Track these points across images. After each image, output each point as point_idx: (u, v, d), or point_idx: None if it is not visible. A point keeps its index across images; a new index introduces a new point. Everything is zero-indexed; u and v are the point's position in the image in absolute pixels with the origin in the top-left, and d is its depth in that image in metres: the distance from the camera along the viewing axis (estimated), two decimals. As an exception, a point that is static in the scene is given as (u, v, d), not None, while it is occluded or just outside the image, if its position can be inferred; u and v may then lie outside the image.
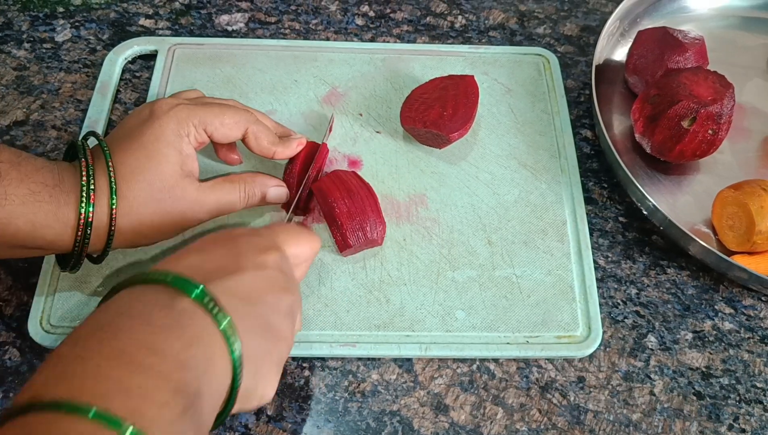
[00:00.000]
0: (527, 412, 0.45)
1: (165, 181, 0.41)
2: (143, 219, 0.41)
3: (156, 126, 0.42)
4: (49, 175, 0.39)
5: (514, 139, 0.56)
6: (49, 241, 0.39)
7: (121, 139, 0.42)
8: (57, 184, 0.39)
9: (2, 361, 0.45)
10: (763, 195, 0.48)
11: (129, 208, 0.40)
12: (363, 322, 0.47)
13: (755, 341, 0.49)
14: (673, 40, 0.56)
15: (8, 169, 0.38)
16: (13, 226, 0.37)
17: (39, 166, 0.39)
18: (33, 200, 0.38)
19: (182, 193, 0.42)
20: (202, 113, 0.43)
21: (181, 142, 0.42)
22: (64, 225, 0.39)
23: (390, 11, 0.66)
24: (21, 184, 0.38)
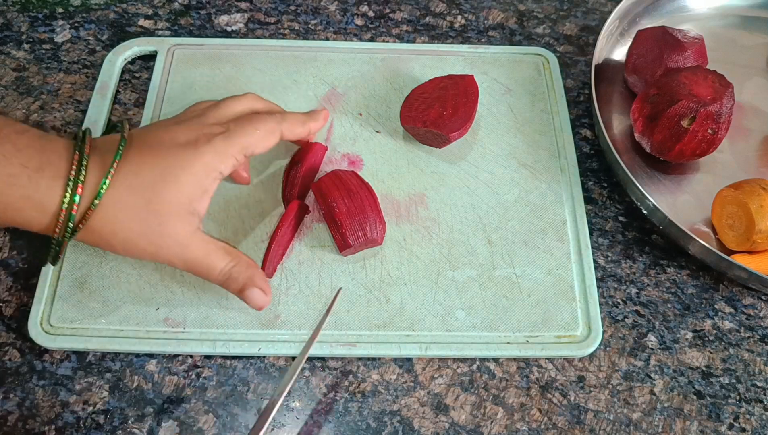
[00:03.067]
0: (527, 412, 0.45)
1: (166, 209, 0.38)
2: (120, 230, 0.38)
3: (191, 156, 0.39)
4: (34, 157, 0.36)
5: (513, 139, 0.56)
6: (20, 222, 0.37)
7: (147, 146, 0.39)
8: (40, 168, 0.36)
9: (2, 362, 0.45)
10: (762, 194, 0.48)
11: (113, 215, 0.38)
12: (363, 322, 0.47)
13: (755, 340, 0.49)
14: (673, 39, 0.56)
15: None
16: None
17: (22, 145, 0.36)
18: (7, 183, 0.35)
19: (174, 229, 0.39)
20: (241, 139, 0.41)
21: (209, 178, 0.40)
22: (39, 211, 0.37)
23: (389, 11, 0.66)
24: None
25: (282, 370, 0.46)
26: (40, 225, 0.37)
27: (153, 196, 0.38)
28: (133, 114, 0.57)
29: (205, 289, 0.47)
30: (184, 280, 0.48)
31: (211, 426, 0.44)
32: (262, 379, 0.45)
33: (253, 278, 0.42)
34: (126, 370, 0.45)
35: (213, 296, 0.47)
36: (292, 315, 0.47)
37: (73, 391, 0.44)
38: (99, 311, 0.46)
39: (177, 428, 0.43)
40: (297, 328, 0.46)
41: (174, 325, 0.46)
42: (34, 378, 0.45)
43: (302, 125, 0.47)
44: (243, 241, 0.50)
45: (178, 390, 0.45)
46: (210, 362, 0.46)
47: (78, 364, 0.45)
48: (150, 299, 0.47)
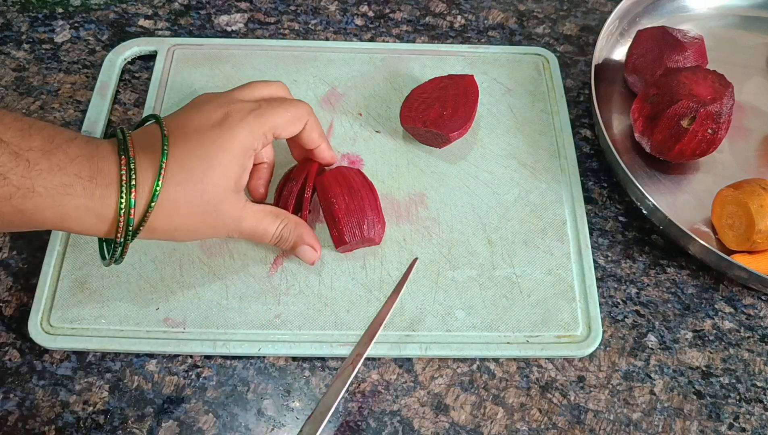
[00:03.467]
0: (527, 412, 0.45)
1: (216, 193, 0.40)
2: (180, 223, 0.40)
3: (227, 136, 0.40)
4: (86, 166, 0.37)
5: (513, 139, 0.56)
6: (78, 230, 0.38)
7: (185, 136, 0.40)
8: (92, 177, 0.37)
9: (2, 362, 0.45)
10: (762, 194, 0.48)
11: (171, 211, 0.39)
12: (363, 322, 0.47)
13: (755, 340, 0.49)
14: (673, 39, 0.56)
15: (38, 158, 0.35)
16: (41, 216, 0.36)
17: (74, 154, 0.36)
18: (63, 193, 0.36)
19: (228, 209, 0.41)
20: (272, 119, 0.42)
21: (246, 156, 0.41)
22: (96, 218, 0.37)
23: (389, 11, 0.66)
24: (51, 176, 0.35)
25: (282, 370, 0.46)
26: (100, 231, 0.38)
27: (204, 187, 0.39)
28: (133, 114, 0.57)
29: (205, 288, 0.47)
30: (184, 280, 0.48)
31: (211, 426, 0.44)
32: (262, 379, 0.45)
33: (302, 236, 0.46)
34: (126, 370, 0.45)
35: (213, 296, 0.47)
36: (292, 315, 0.47)
37: (73, 391, 0.44)
38: (99, 311, 0.46)
39: (177, 428, 0.43)
40: (297, 328, 0.46)
41: (174, 325, 0.46)
42: (34, 378, 0.45)
43: (319, 136, 0.47)
44: (242, 241, 0.50)
45: (178, 390, 0.45)
46: (210, 362, 0.46)
47: (78, 364, 0.45)
48: (150, 299, 0.47)
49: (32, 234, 0.50)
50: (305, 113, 0.45)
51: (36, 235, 0.50)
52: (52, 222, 0.37)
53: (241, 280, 0.48)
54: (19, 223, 0.37)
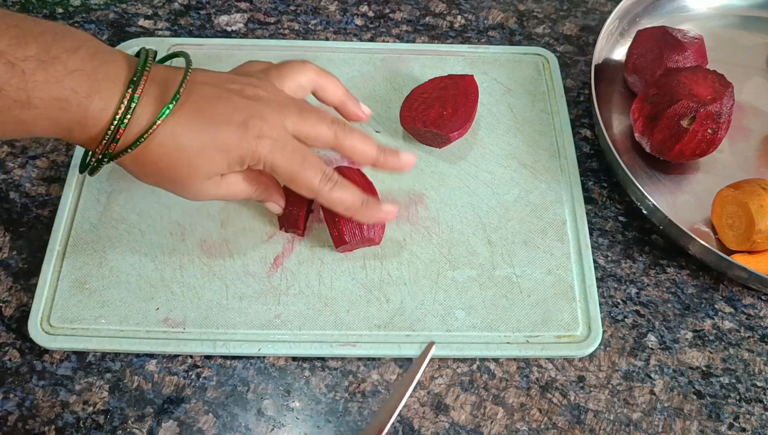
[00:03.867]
0: (527, 412, 0.45)
1: (191, 175, 0.39)
2: (148, 173, 0.39)
3: (234, 140, 0.39)
4: (84, 82, 0.35)
5: (513, 139, 0.56)
6: (67, 140, 0.38)
7: (199, 108, 0.39)
8: (90, 95, 0.35)
9: (2, 362, 0.45)
10: (762, 194, 0.48)
11: (144, 159, 0.38)
12: (363, 322, 0.47)
13: (755, 340, 0.49)
14: (673, 39, 0.56)
15: (34, 68, 0.34)
16: (40, 126, 0.36)
17: (73, 67, 0.35)
18: (58, 108, 0.35)
19: (198, 189, 0.41)
20: (279, 162, 0.41)
21: (237, 165, 0.41)
22: (87, 135, 0.37)
23: (389, 11, 0.66)
24: (47, 88, 0.34)
25: (282, 370, 0.46)
26: (84, 143, 0.38)
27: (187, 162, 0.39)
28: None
29: (205, 288, 0.47)
30: (184, 280, 0.48)
31: (211, 426, 0.44)
32: (262, 379, 0.45)
33: (271, 195, 0.46)
34: (126, 370, 0.45)
35: (213, 296, 0.47)
36: (292, 315, 0.47)
37: (73, 392, 0.44)
38: (99, 311, 0.46)
39: (177, 428, 0.43)
40: (297, 329, 0.46)
41: (174, 325, 0.46)
42: (34, 378, 0.45)
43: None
44: (242, 241, 0.50)
45: (178, 390, 0.45)
46: (210, 362, 0.46)
47: (78, 364, 0.45)
48: (150, 299, 0.47)
49: (32, 234, 0.50)
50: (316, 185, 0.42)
51: (36, 235, 0.50)
52: (52, 132, 0.36)
53: (241, 280, 0.48)
54: (22, 132, 0.36)
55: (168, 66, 0.41)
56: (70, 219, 0.50)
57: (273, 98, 0.42)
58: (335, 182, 0.43)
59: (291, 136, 0.41)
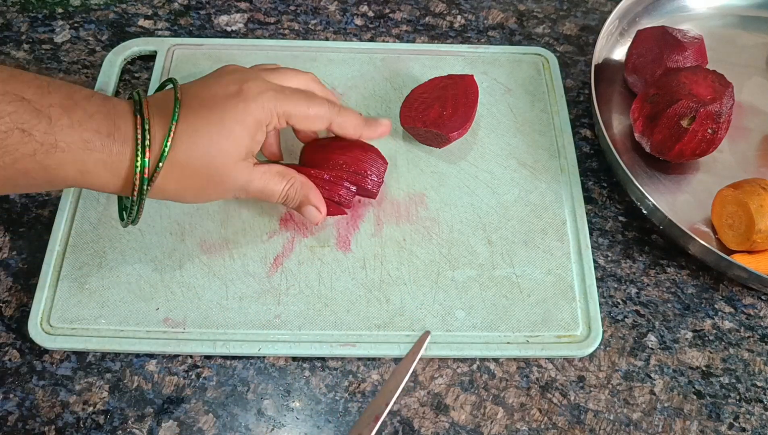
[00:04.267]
0: (527, 412, 0.45)
1: (226, 161, 0.41)
2: (189, 185, 0.41)
3: (241, 108, 0.41)
4: (103, 122, 0.38)
5: (513, 139, 0.56)
6: (96, 185, 0.39)
7: (200, 103, 0.41)
8: (110, 133, 0.38)
9: (2, 362, 0.45)
10: (762, 194, 0.48)
11: (180, 174, 0.40)
12: (363, 322, 0.47)
13: (755, 340, 0.49)
14: (672, 39, 0.56)
15: (60, 114, 0.36)
16: (62, 172, 0.37)
17: (93, 111, 0.38)
18: (84, 148, 0.37)
19: (238, 174, 0.42)
20: (289, 105, 0.43)
21: (258, 130, 0.42)
22: (113, 174, 0.39)
23: (389, 11, 0.66)
24: (72, 132, 0.37)
25: (282, 370, 0.46)
26: (116, 187, 0.40)
27: (215, 153, 0.40)
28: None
29: (205, 288, 0.47)
30: (184, 280, 0.48)
31: (211, 426, 0.44)
32: (262, 379, 0.45)
33: (308, 196, 0.46)
34: (126, 370, 0.45)
35: (213, 296, 0.47)
36: (292, 315, 0.47)
37: (73, 392, 0.44)
38: (99, 311, 0.46)
39: (177, 428, 0.43)
40: (297, 329, 0.46)
41: (174, 325, 0.46)
42: (34, 378, 0.45)
43: (354, 129, 0.47)
44: (242, 240, 0.50)
45: (178, 390, 0.45)
46: (210, 362, 0.46)
47: (78, 365, 0.45)
48: (150, 299, 0.47)
49: (32, 234, 0.50)
50: (328, 114, 0.45)
51: (36, 235, 0.50)
52: (73, 178, 0.38)
53: (241, 280, 0.48)
54: (42, 181, 0.38)
55: (161, 92, 0.43)
56: (70, 219, 0.50)
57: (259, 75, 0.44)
58: (340, 107, 0.46)
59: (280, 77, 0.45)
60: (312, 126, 0.45)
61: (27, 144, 0.35)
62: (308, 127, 0.45)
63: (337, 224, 0.51)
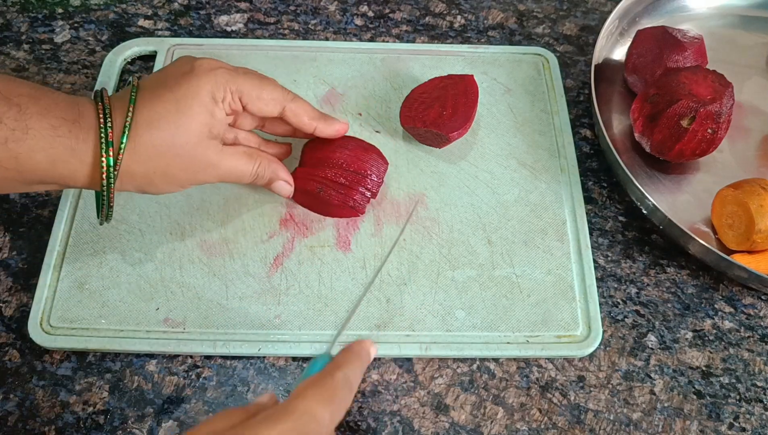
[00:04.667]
0: (527, 412, 0.45)
1: (189, 138, 0.41)
2: (156, 167, 0.41)
3: (194, 82, 0.41)
4: (69, 110, 0.39)
5: (513, 139, 0.56)
6: (66, 176, 0.40)
7: (155, 86, 0.42)
8: (76, 120, 0.39)
9: (2, 362, 0.45)
10: (762, 194, 0.48)
11: (146, 155, 0.40)
12: (363, 322, 0.47)
13: (755, 340, 0.49)
14: (672, 39, 0.56)
15: (28, 102, 0.38)
16: (33, 160, 0.38)
17: (58, 99, 0.39)
18: (53, 135, 0.38)
19: (203, 152, 0.42)
20: (241, 82, 0.43)
21: (215, 106, 0.42)
22: (80, 162, 0.39)
23: (389, 11, 0.66)
24: (42, 118, 0.38)
25: (282, 370, 0.46)
26: (84, 177, 0.40)
27: (175, 130, 0.41)
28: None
29: (205, 288, 0.47)
30: (184, 280, 0.48)
31: (211, 426, 0.44)
32: (262, 379, 0.45)
33: (277, 172, 0.47)
34: (126, 370, 0.45)
35: (213, 296, 0.47)
36: (292, 315, 0.47)
37: (73, 392, 0.44)
38: (99, 311, 0.46)
39: (177, 428, 0.43)
40: (297, 329, 0.46)
41: (174, 325, 0.46)
42: (34, 378, 0.45)
43: (309, 118, 0.47)
44: (242, 240, 0.50)
45: (178, 390, 0.45)
46: (210, 362, 0.46)
47: (78, 365, 0.45)
48: (150, 299, 0.47)
49: (32, 234, 0.50)
50: (281, 97, 0.45)
51: (36, 235, 0.50)
52: (43, 167, 0.39)
53: (241, 280, 0.48)
54: (13, 172, 0.38)
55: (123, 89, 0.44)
56: (70, 219, 0.50)
57: None
58: (294, 95, 0.46)
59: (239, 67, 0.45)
60: (265, 108, 0.45)
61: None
62: (261, 109, 0.45)
63: (337, 224, 0.51)
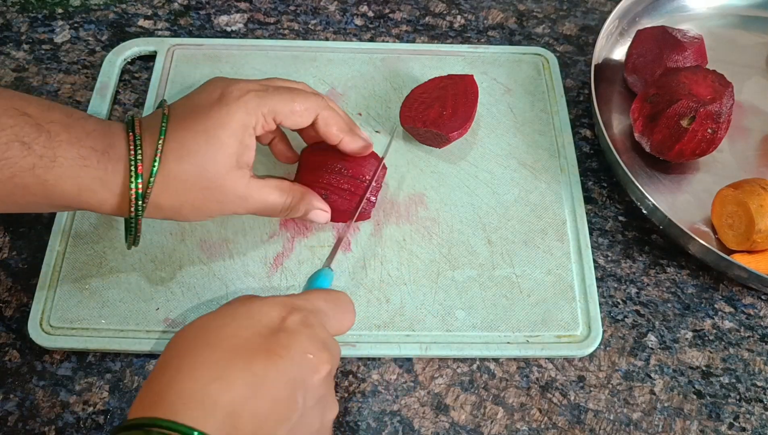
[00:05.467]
0: (527, 412, 0.45)
1: (218, 170, 0.40)
2: (185, 200, 0.41)
3: (224, 112, 0.40)
4: (99, 140, 0.39)
5: (513, 139, 0.56)
6: (93, 204, 0.39)
7: (185, 115, 0.41)
8: (106, 151, 0.39)
9: (2, 363, 0.45)
10: (762, 194, 0.48)
11: (175, 188, 0.40)
12: (363, 322, 0.47)
13: (755, 340, 0.49)
14: (672, 39, 0.56)
15: (59, 130, 0.37)
16: (60, 189, 0.38)
17: (90, 129, 0.39)
18: (81, 165, 0.38)
19: (232, 184, 0.41)
20: (273, 102, 0.42)
21: (245, 133, 0.41)
22: (109, 192, 0.39)
23: (389, 11, 0.66)
24: (71, 148, 0.37)
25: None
26: (112, 206, 0.40)
27: (204, 162, 0.40)
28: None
29: (205, 288, 0.47)
30: (184, 280, 0.48)
31: (211, 426, 0.44)
32: (262, 379, 0.45)
33: (311, 203, 0.46)
34: (126, 370, 0.45)
35: (213, 296, 0.47)
36: (292, 315, 0.47)
37: (73, 392, 0.44)
38: (99, 311, 0.46)
39: (177, 428, 0.43)
40: (297, 328, 0.46)
41: (174, 325, 0.46)
42: (34, 378, 0.45)
43: (337, 129, 0.45)
44: (242, 241, 0.50)
45: (178, 390, 0.45)
46: (210, 362, 0.46)
47: (78, 365, 0.45)
48: (150, 299, 0.47)
49: (32, 234, 0.50)
50: (315, 106, 0.44)
51: (36, 235, 0.50)
52: (71, 195, 0.38)
53: (241, 280, 0.48)
54: (41, 198, 0.38)
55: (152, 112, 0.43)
56: (70, 219, 0.50)
57: None
58: (329, 102, 0.45)
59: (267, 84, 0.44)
60: (300, 121, 0.44)
61: (26, 157, 0.36)
62: (297, 122, 0.44)
63: (337, 225, 0.51)
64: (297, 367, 0.33)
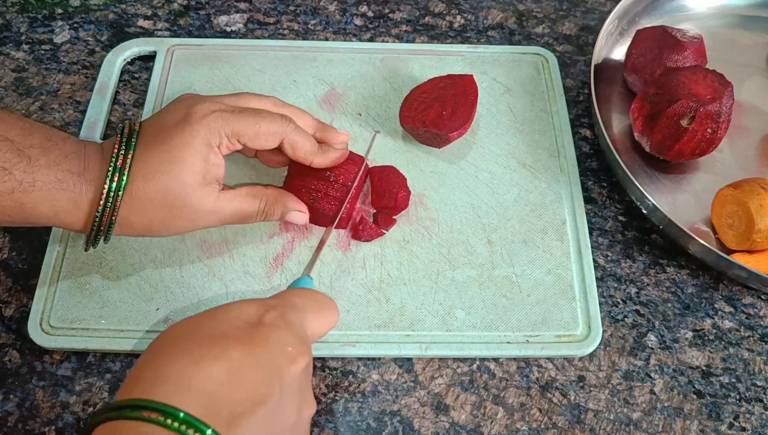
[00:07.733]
0: (527, 412, 0.45)
1: (183, 189, 0.41)
2: (154, 217, 0.41)
3: (187, 133, 0.41)
4: (76, 163, 0.40)
5: (513, 139, 0.56)
6: (66, 223, 0.41)
7: (152, 135, 0.42)
8: (81, 173, 0.40)
9: (2, 363, 0.45)
10: (762, 193, 0.48)
11: (142, 206, 0.41)
12: (363, 322, 0.47)
13: (755, 340, 0.49)
14: (672, 38, 0.56)
15: (38, 154, 0.38)
16: (37, 211, 0.39)
17: (68, 151, 0.40)
18: (59, 188, 0.39)
19: (199, 201, 0.42)
20: (236, 124, 0.42)
21: (210, 152, 0.42)
22: (82, 212, 0.40)
23: (388, 11, 0.66)
24: (49, 172, 0.39)
25: (282, 370, 0.46)
26: (86, 224, 0.41)
27: (168, 181, 0.40)
28: (132, 114, 0.57)
29: (205, 288, 0.47)
30: (184, 280, 0.48)
31: (211, 426, 0.44)
32: (262, 379, 0.45)
33: (287, 205, 0.47)
34: (126, 371, 0.45)
35: (213, 296, 0.47)
36: (292, 315, 0.47)
37: (73, 392, 0.44)
38: (99, 311, 0.46)
39: (177, 428, 0.43)
40: (297, 328, 0.46)
41: (174, 325, 0.46)
42: (34, 379, 0.45)
43: (305, 154, 0.45)
44: (242, 241, 0.50)
45: (178, 390, 0.45)
46: (210, 362, 0.46)
47: (78, 365, 0.45)
48: (150, 299, 0.47)
49: (32, 234, 0.50)
50: (280, 130, 0.44)
51: (36, 235, 0.50)
52: (47, 216, 0.40)
53: (241, 280, 0.48)
54: (17, 218, 0.39)
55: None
56: (70, 219, 0.50)
57: None
58: (295, 126, 0.45)
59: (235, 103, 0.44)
60: (265, 144, 0.44)
61: (6, 182, 0.37)
62: (262, 145, 0.43)
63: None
64: (274, 357, 0.33)
